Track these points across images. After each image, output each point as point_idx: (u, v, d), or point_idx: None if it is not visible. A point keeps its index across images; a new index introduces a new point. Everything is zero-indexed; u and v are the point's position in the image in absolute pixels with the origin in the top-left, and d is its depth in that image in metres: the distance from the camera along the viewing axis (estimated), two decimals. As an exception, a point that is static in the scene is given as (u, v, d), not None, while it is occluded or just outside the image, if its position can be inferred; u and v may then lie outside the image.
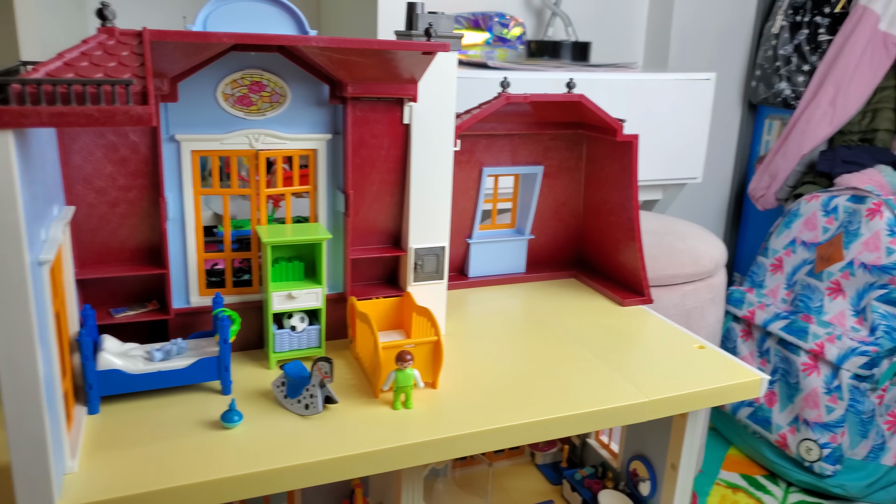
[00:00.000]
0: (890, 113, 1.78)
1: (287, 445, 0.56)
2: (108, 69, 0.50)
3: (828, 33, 1.87)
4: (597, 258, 0.97)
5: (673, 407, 0.67)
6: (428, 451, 0.58)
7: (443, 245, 0.74)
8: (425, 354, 0.65)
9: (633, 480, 0.83)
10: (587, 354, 0.74)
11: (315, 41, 0.58)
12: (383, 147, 0.70)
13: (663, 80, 1.51)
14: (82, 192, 0.63)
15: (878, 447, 1.52)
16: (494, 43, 1.71)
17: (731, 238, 2.26)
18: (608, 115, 0.84)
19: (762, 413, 1.63)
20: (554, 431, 0.62)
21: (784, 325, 1.57)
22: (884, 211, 1.48)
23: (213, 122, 0.65)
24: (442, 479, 0.88)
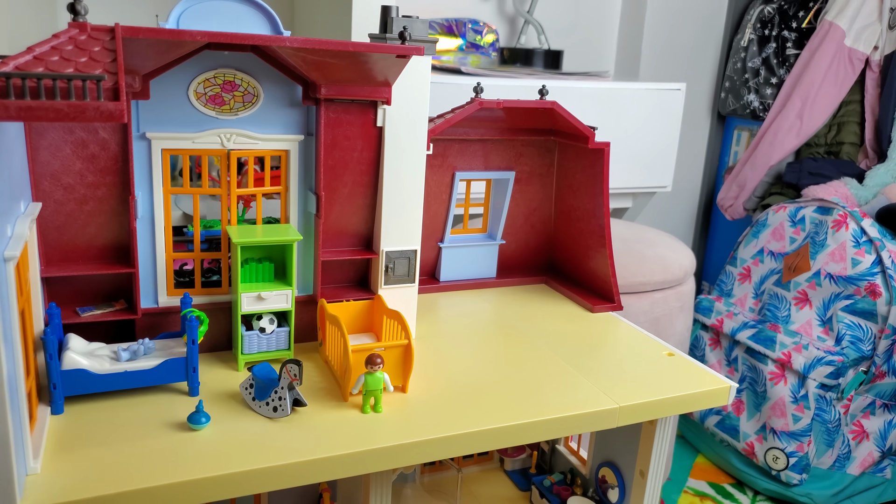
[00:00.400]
0: (855, 126, 1.82)
1: (254, 448, 0.55)
2: (79, 64, 0.49)
3: (795, 47, 1.92)
4: (567, 264, 0.98)
5: (642, 414, 0.68)
6: (396, 455, 0.58)
7: (414, 248, 0.74)
8: (396, 358, 0.65)
9: (602, 487, 0.84)
10: (557, 360, 0.74)
11: (289, 41, 0.58)
12: (356, 149, 0.70)
13: (634, 90, 1.53)
14: (50, 188, 0.62)
15: (843, 456, 1.54)
16: (468, 49, 1.72)
17: (699, 247, 2.29)
18: (580, 122, 0.85)
19: (730, 421, 1.65)
20: (523, 437, 0.63)
21: (752, 334, 1.60)
22: (849, 222, 1.51)
23: (185, 120, 0.65)
24: (410, 484, 0.88)
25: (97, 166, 0.63)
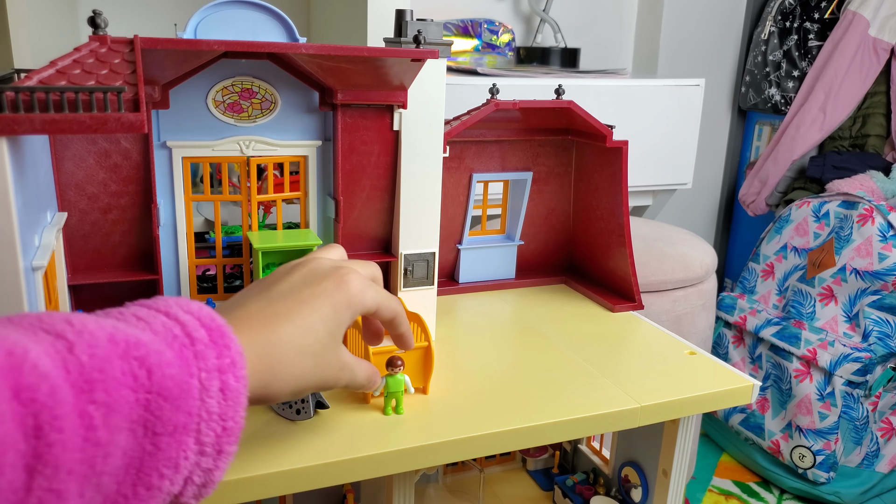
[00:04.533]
0: (880, 118, 1.79)
1: (278, 450, 0.56)
2: (100, 76, 0.50)
3: (817, 39, 1.89)
4: (587, 264, 0.97)
5: (664, 413, 0.67)
6: (419, 456, 0.58)
7: (433, 251, 0.74)
8: (416, 360, 0.65)
9: (625, 486, 0.83)
10: (578, 360, 0.74)
11: (305, 48, 0.59)
12: (373, 153, 0.71)
13: (653, 87, 1.52)
14: (74, 198, 0.64)
15: (872, 454, 1.52)
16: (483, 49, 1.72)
17: (721, 244, 2.27)
18: (597, 121, 0.85)
19: (754, 419, 1.63)
20: (544, 437, 0.63)
21: (776, 332, 1.58)
22: (875, 216, 1.49)
23: (205, 128, 0.66)
24: (433, 485, 0.88)
25: (120, 175, 0.64)
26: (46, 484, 0.31)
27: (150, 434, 0.36)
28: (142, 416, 0.36)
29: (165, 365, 0.37)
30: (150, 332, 0.39)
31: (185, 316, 0.41)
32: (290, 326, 0.47)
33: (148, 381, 0.36)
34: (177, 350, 0.38)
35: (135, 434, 0.35)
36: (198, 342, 0.40)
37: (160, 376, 0.36)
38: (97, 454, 0.33)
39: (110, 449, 0.34)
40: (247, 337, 0.44)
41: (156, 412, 0.36)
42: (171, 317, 0.41)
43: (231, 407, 0.40)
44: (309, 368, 0.47)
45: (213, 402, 0.39)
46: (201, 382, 0.38)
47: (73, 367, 0.33)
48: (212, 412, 0.39)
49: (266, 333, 0.45)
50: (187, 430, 0.38)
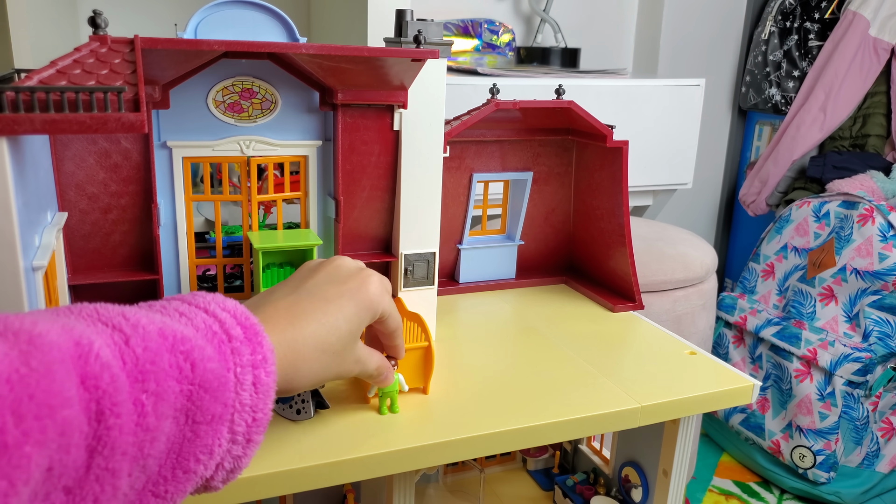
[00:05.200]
0: (881, 118, 1.79)
1: (279, 450, 0.56)
2: (101, 77, 0.50)
3: (817, 39, 1.89)
4: (587, 264, 0.97)
5: (664, 413, 0.67)
6: (419, 456, 0.58)
7: (433, 251, 0.74)
8: (416, 360, 0.65)
9: (625, 486, 0.83)
10: (578, 360, 0.74)
11: (305, 48, 0.59)
12: (373, 153, 0.71)
13: (653, 87, 1.52)
14: (75, 198, 0.64)
15: (872, 454, 1.52)
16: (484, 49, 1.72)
17: (721, 244, 2.27)
18: (598, 121, 0.85)
19: (755, 419, 1.63)
20: (545, 437, 0.63)
21: (776, 332, 1.58)
22: (876, 216, 1.49)
23: (205, 128, 0.66)
24: (433, 485, 0.88)
25: (120, 175, 0.64)
26: (104, 463, 0.34)
27: (191, 422, 0.39)
28: (185, 406, 0.39)
29: (207, 359, 0.40)
30: (193, 328, 0.41)
31: (223, 314, 0.44)
32: (316, 325, 0.50)
33: (192, 374, 0.39)
34: (216, 345, 0.42)
35: (177, 422, 0.39)
36: (234, 339, 0.43)
37: (202, 370, 0.39)
38: (146, 438, 0.36)
39: (157, 434, 0.37)
40: (276, 335, 0.47)
41: (197, 402, 0.39)
42: (210, 314, 0.44)
43: (261, 399, 0.43)
44: (329, 364, 0.51)
45: (246, 395, 0.42)
46: (237, 376, 0.42)
47: (129, 359, 0.37)
48: (244, 404, 0.42)
49: (293, 331, 0.48)
50: (223, 420, 0.41)
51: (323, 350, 0.50)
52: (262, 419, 0.43)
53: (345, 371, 0.53)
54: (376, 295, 0.54)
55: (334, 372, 0.52)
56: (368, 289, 0.54)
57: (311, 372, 0.49)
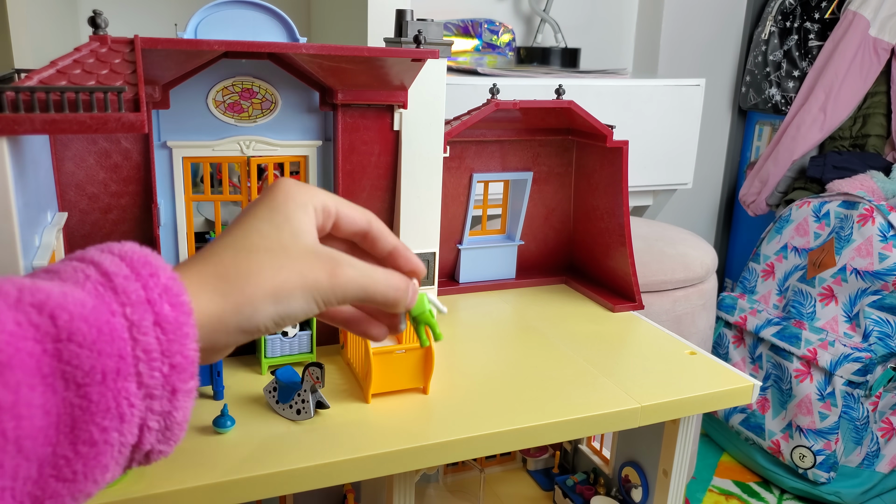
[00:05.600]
0: (881, 118, 1.79)
1: (279, 450, 0.56)
2: (101, 76, 0.50)
3: (818, 39, 1.89)
4: (587, 264, 0.97)
5: (664, 413, 0.67)
6: (419, 456, 0.58)
7: (433, 251, 0.74)
8: (416, 360, 0.65)
9: (625, 486, 0.83)
10: (578, 360, 0.74)
11: (305, 48, 0.59)
12: (373, 153, 0.71)
13: (653, 87, 1.52)
14: (75, 198, 0.64)
15: (872, 454, 1.52)
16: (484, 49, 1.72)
17: (722, 244, 2.27)
18: (598, 121, 0.85)
19: (755, 419, 1.63)
20: (545, 437, 0.63)
21: (776, 332, 1.58)
22: (876, 216, 1.49)
23: (205, 128, 0.66)
24: (433, 485, 0.88)
25: (120, 175, 0.64)
26: None
27: (74, 386, 0.32)
28: (56, 368, 0.32)
29: (72, 306, 0.32)
30: (58, 280, 0.34)
31: (101, 255, 0.36)
32: (241, 230, 0.41)
33: (54, 329, 0.32)
34: (89, 290, 0.34)
35: (53, 389, 0.31)
36: (115, 276, 0.35)
37: (68, 320, 0.32)
38: (3, 419, 0.29)
39: (20, 410, 0.30)
40: (193, 263, 0.40)
41: (72, 361, 0.32)
42: (84, 260, 0.36)
43: (175, 340, 0.35)
44: (281, 262, 0.40)
45: (149, 339, 0.34)
46: (128, 319, 0.34)
47: None
48: (150, 350, 0.34)
49: (215, 246, 0.41)
50: (123, 375, 0.33)
51: (265, 249, 0.41)
52: (182, 363, 0.35)
53: (320, 273, 0.41)
54: (300, 184, 0.45)
55: (299, 272, 0.41)
56: (287, 181, 0.44)
57: (263, 280, 0.39)
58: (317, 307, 0.41)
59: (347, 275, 0.42)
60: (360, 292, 0.43)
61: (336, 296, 0.42)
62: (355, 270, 0.42)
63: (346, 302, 0.43)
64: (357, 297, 0.43)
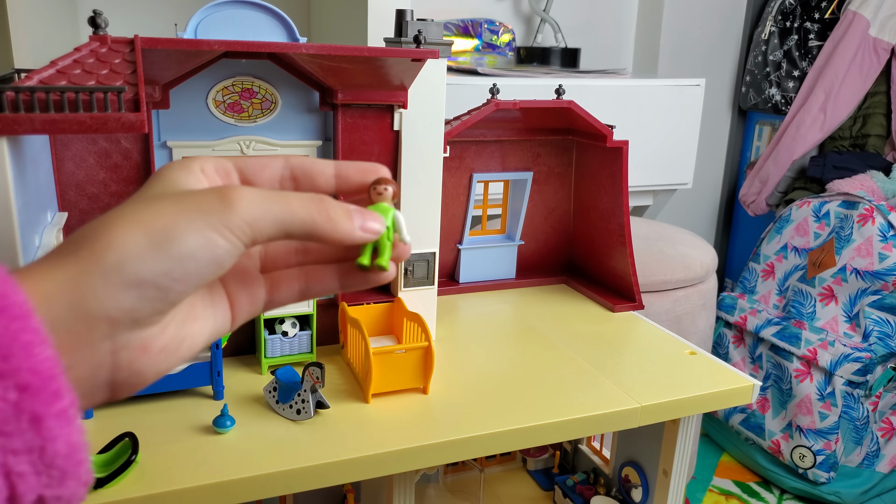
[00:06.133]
0: (881, 118, 1.79)
1: (279, 450, 0.56)
2: (101, 77, 0.50)
3: (818, 39, 1.89)
4: (587, 264, 0.97)
5: (664, 413, 0.67)
6: (419, 456, 0.58)
7: (433, 251, 0.74)
8: (416, 360, 0.65)
9: (625, 486, 0.83)
10: (578, 360, 0.74)
11: (305, 48, 0.59)
12: (373, 153, 0.71)
13: (653, 87, 1.52)
14: (75, 198, 0.64)
15: (872, 454, 1.52)
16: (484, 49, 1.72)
17: (722, 244, 2.27)
18: (598, 121, 0.85)
19: (755, 419, 1.63)
20: (545, 437, 0.63)
21: (776, 332, 1.58)
22: (876, 216, 1.49)
23: (205, 128, 0.65)
24: (433, 485, 0.88)
25: (120, 175, 0.64)
26: None
27: None
28: None
29: None
30: None
31: None
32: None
33: None
34: None
35: None
36: None
37: None
38: None
39: None
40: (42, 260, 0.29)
41: None
42: None
43: (12, 354, 0.25)
44: (151, 205, 0.30)
45: None
46: None
47: None
48: None
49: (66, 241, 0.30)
50: None
51: (132, 202, 0.30)
52: (35, 381, 0.25)
53: (219, 198, 0.30)
54: (176, 160, 0.36)
55: (191, 208, 0.29)
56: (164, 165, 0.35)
57: (132, 225, 0.28)
58: (228, 242, 0.29)
59: (247, 198, 0.30)
60: (273, 221, 0.31)
61: (245, 224, 0.30)
62: (257, 194, 0.31)
63: (265, 237, 0.30)
64: (275, 230, 0.31)
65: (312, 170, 0.36)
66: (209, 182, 0.34)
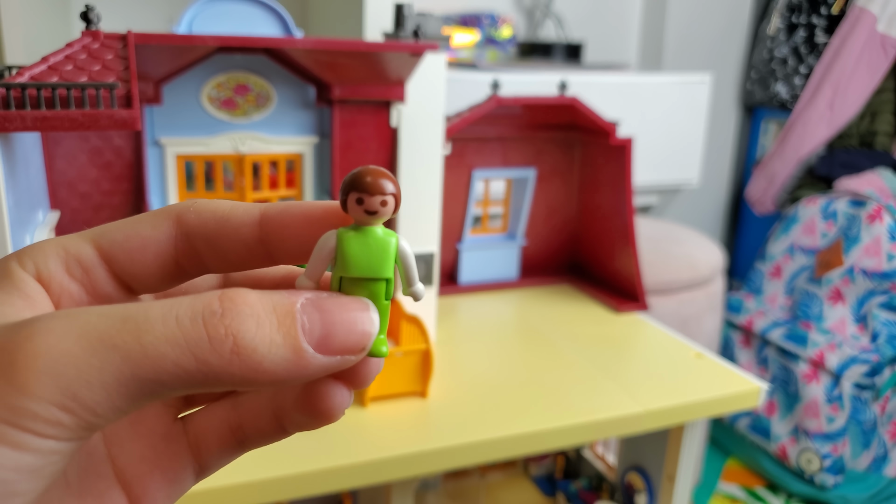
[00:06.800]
0: (889, 116, 1.77)
1: (276, 456, 0.55)
2: (93, 73, 0.49)
3: (825, 35, 1.87)
4: (591, 264, 0.96)
5: (669, 417, 0.66)
6: (418, 462, 0.57)
7: (432, 251, 0.73)
8: (415, 363, 0.64)
9: (630, 492, 0.82)
10: (582, 363, 0.73)
11: (301, 43, 0.57)
12: (371, 150, 0.69)
13: (658, 82, 1.50)
14: (66, 196, 0.62)
15: (880, 458, 1.50)
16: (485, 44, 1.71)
17: (728, 244, 2.25)
18: (601, 117, 0.83)
19: (761, 423, 1.61)
20: (548, 443, 0.61)
21: (783, 333, 1.56)
22: (884, 216, 1.47)
23: (198, 125, 0.64)
24: (433, 492, 0.87)
25: (112, 174, 0.63)
26: None
27: None
28: None
29: None
30: None
31: None
32: None
33: None
34: None
35: None
36: None
37: None
38: None
39: None
40: None
41: None
42: None
43: None
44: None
45: None
46: None
47: None
48: None
49: None
50: None
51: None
52: None
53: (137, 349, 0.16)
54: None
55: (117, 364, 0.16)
56: None
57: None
58: (21, 451, 0.16)
59: (45, 353, 0.16)
60: (116, 386, 0.17)
61: (54, 407, 0.16)
62: (75, 336, 0.16)
63: (111, 414, 0.17)
64: (125, 400, 0.17)
65: (227, 223, 0.21)
66: (53, 292, 0.20)
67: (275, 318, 0.17)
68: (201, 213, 0.21)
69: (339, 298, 0.18)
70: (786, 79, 1.95)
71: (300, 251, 0.20)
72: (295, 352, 0.17)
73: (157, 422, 0.22)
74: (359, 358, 0.19)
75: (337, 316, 0.18)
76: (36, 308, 0.19)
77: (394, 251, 0.19)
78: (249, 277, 0.23)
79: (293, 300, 0.18)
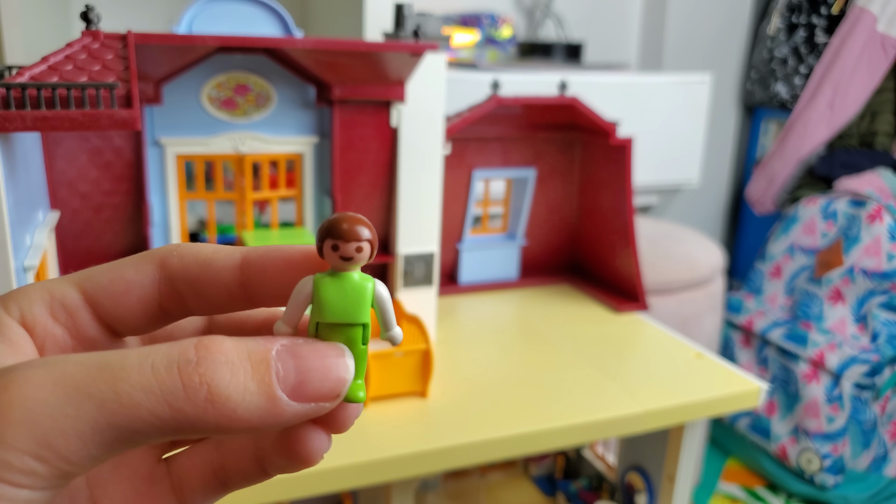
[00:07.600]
0: (889, 116, 1.77)
1: (272, 457, 0.55)
2: (93, 73, 0.49)
3: (825, 35, 1.87)
4: (591, 264, 0.96)
5: (669, 417, 0.66)
6: (418, 462, 0.57)
7: (432, 251, 0.73)
8: (415, 363, 0.64)
9: (630, 492, 0.82)
10: (582, 363, 0.72)
11: (300, 43, 0.57)
12: (371, 150, 0.69)
13: (658, 82, 1.50)
14: (67, 197, 0.62)
15: (880, 458, 1.50)
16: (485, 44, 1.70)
17: (728, 243, 2.25)
18: (601, 117, 0.83)
19: (761, 423, 1.61)
20: (548, 443, 0.61)
21: (783, 333, 1.56)
22: (884, 216, 1.47)
23: (198, 125, 0.64)
24: (433, 492, 0.87)
25: (112, 174, 0.63)
26: None
27: None
28: None
29: None
30: None
31: None
32: None
33: None
34: None
35: None
36: None
37: None
38: None
39: None
40: None
41: None
42: None
43: None
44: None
45: None
46: None
47: None
48: None
49: None
50: None
51: None
52: None
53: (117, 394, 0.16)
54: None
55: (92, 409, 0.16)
56: None
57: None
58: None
59: (20, 403, 0.16)
60: (91, 435, 0.17)
61: (28, 457, 0.16)
62: (50, 385, 0.17)
63: (86, 463, 0.17)
64: (100, 449, 0.17)
65: (209, 267, 0.21)
66: (37, 336, 0.20)
67: (249, 366, 0.17)
68: (184, 257, 0.21)
69: (314, 345, 0.19)
70: (786, 79, 1.95)
71: (280, 295, 0.21)
72: (269, 399, 0.17)
73: (141, 463, 0.22)
74: (334, 404, 0.19)
75: (311, 363, 0.18)
76: (19, 354, 0.19)
77: (370, 296, 0.19)
78: (233, 320, 0.24)
79: (268, 347, 0.18)
